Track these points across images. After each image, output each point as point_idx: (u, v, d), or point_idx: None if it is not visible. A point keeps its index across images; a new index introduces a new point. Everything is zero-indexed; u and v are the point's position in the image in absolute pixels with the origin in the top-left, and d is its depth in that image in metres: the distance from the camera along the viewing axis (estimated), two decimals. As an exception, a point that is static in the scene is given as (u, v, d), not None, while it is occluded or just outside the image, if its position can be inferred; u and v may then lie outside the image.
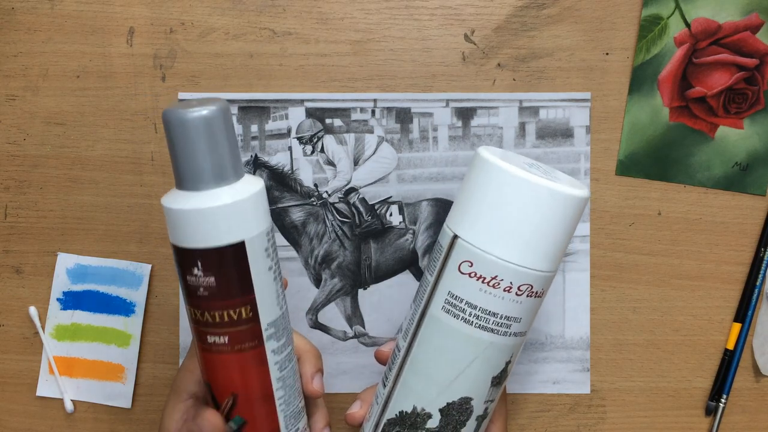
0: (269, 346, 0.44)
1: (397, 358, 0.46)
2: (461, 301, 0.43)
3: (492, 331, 0.43)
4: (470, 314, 0.43)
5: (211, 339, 0.43)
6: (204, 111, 0.40)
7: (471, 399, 0.45)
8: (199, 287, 0.42)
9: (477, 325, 0.43)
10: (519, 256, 0.42)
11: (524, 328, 0.45)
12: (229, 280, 0.42)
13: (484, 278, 0.42)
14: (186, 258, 0.42)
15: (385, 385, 0.47)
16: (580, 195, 0.42)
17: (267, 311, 0.44)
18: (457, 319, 0.43)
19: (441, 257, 0.44)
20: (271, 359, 0.45)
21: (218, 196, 0.41)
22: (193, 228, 0.41)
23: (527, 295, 0.43)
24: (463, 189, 0.44)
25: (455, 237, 0.43)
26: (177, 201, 0.41)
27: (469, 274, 0.42)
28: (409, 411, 0.45)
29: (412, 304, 0.47)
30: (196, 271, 0.42)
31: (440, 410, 0.45)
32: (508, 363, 0.45)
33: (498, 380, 0.45)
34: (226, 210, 0.41)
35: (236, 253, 0.41)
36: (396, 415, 0.46)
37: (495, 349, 0.44)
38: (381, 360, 0.50)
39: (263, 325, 0.44)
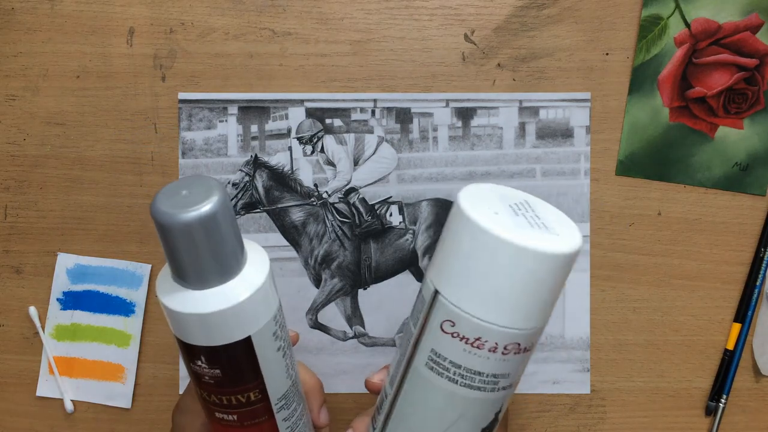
0: (280, 416, 0.43)
1: (385, 404, 0.44)
2: (444, 359, 0.40)
3: (478, 389, 0.40)
4: (454, 373, 0.40)
5: (219, 415, 0.42)
6: (203, 209, 0.35)
7: None
8: (204, 375, 0.40)
9: (462, 384, 0.40)
10: (503, 317, 0.38)
11: (513, 380, 0.42)
12: (236, 371, 0.40)
13: (468, 339, 0.39)
14: (189, 350, 0.40)
15: (374, 428, 0.45)
16: (567, 251, 0.37)
17: (276, 388, 0.42)
18: (441, 377, 0.40)
19: (423, 311, 0.41)
20: (282, 426, 0.44)
21: (222, 297, 0.37)
22: (195, 328, 0.38)
23: (514, 353, 0.39)
24: (443, 239, 0.40)
25: (436, 293, 0.39)
26: (177, 300, 0.38)
27: (452, 334, 0.39)
28: None
29: (398, 349, 0.44)
30: (200, 363, 0.40)
31: None
32: (497, 413, 0.43)
33: (488, 429, 0.43)
34: (231, 311, 0.38)
35: (243, 347, 0.39)
36: None
37: (482, 404, 0.41)
38: (371, 390, 0.48)
39: (273, 401, 0.42)
